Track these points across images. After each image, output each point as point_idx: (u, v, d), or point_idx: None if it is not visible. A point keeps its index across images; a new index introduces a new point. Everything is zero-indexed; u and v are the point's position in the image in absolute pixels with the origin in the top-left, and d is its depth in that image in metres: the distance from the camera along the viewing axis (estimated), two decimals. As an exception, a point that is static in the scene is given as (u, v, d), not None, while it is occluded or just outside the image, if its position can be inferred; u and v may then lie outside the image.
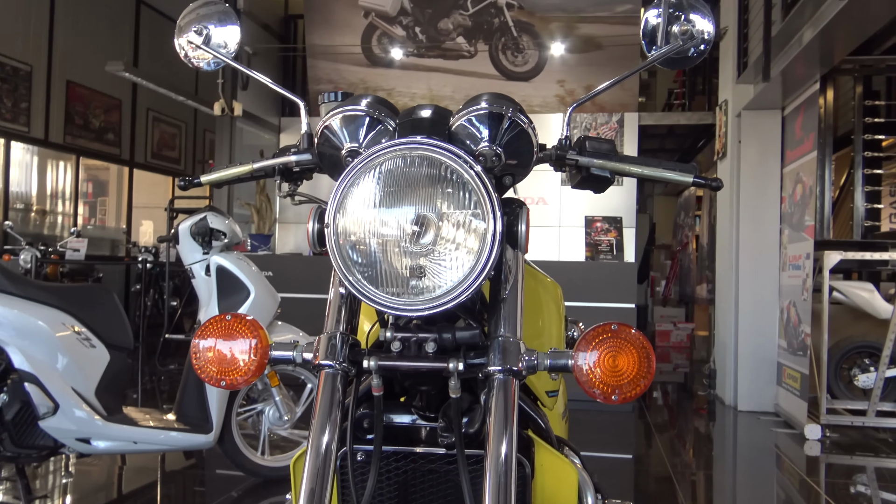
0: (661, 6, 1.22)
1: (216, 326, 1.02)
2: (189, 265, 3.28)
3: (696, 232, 9.51)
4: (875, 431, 4.79)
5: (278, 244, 7.09)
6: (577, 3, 6.88)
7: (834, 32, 4.10)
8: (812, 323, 4.70)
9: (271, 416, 3.36)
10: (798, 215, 5.01)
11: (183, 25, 1.29)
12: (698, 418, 5.69)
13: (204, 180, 1.27)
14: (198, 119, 10.86)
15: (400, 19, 7.13)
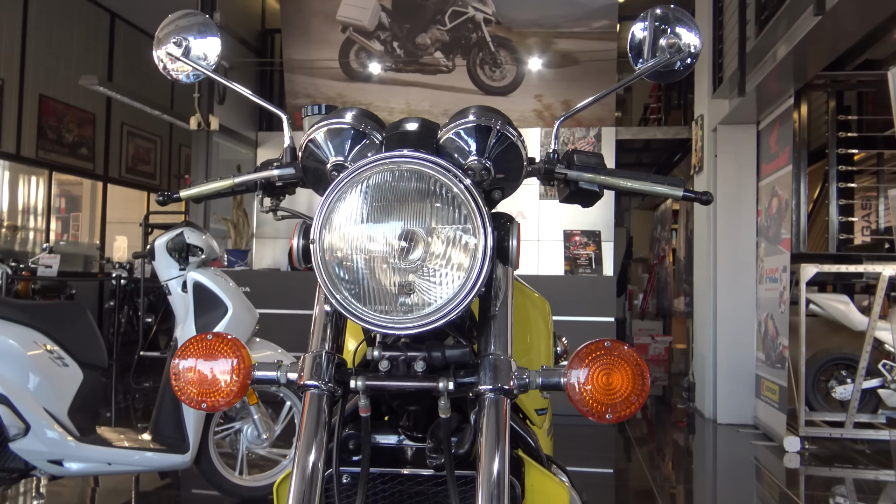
0: (648, 20, 1.22)
1: (197, 346, 0.99)
2: (165, 281, 3.22)
3: (672, 245, 9.57)
4: (853, 443, 4.83)
5: (255, 259, 7.02)
6: (553, 18, 6.93)
7: (807, 49, 4.16)
8: (790, 335, 4.74)
9: (249, 434, 3.29)
10: (774, 228, 5.06)
11: (161, 37, 1.26)
12: (678, 431, 5.70)
13: (183, 195, 1.23)
14: (173, 133, 10.76)
15: (378, 34, 7.13)
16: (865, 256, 4.88)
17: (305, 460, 0.93)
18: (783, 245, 4.86)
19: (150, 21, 9.45)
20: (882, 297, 4.59)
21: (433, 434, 1.07)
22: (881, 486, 4.09)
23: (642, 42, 1.22)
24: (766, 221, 5.29)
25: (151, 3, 8.66)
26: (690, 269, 7.13)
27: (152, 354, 6.64)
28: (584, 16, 6.85)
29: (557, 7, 6.87)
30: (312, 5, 7.11)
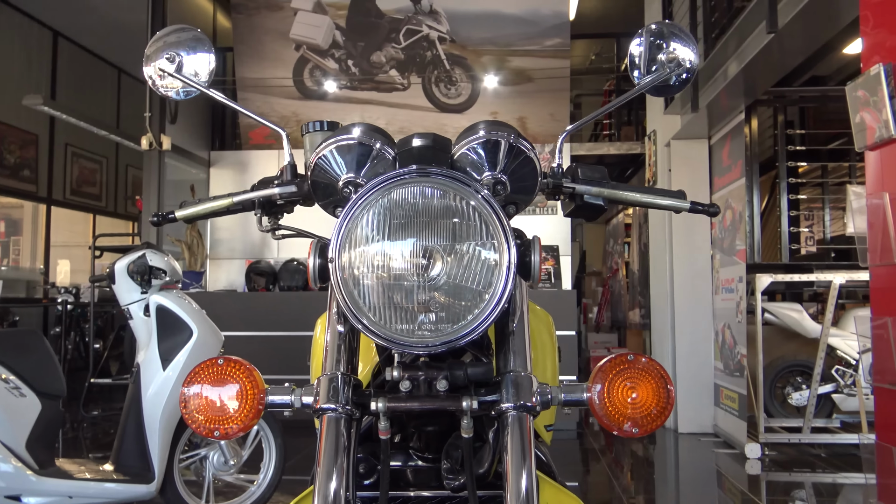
0: (644, 35, 1.23)
1: (207, 372, 0.95)
2: (126, 305, 3.12)
3: (625, 258, 9.71)
4: (810, 447, 4.95)
5: (210, 281, 6.87)
6: (507, 37, 7.01)
7: (757, 66, 4.29)
8: (747, 344, 4.84)
9: (216, 461, 3.21)
10: (729, 240, 5.18)
11: (151, 53, 1.22)
12: (639, 442, 5.76)
13: (179, 215, 1.19)
14: (120, 154, 10.49)
15: (332, 52, 7.10)
16: (816, 265, 5.03)
17: (327, 487, 0.90)
18: (738, 256, 4.98)
19: (93, 39, 9.23)
20: (833, 304, 4.73)
21: (448, 454, 1.04)
22: (839, 489, 4.20)
23: (640, 58, 1.23)
24: (720, 233, 5.42)
25: (96, 21, 8.47)
26: (645, 281, 7.24)
27: (103, 381, 6.42)
28: (537, 34, 6.94)
29: (511, 26, 6.95)
30: (265, 23, 7.05)
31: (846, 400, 4.97)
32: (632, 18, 7.91)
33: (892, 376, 2.33)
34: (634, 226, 8.86)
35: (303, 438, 5.15)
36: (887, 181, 2.38)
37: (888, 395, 2.37)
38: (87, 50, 9.51)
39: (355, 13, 7.06)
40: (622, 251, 9.83)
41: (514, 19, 6.93)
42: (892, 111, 2.33)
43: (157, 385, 3.00)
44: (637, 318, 8.49)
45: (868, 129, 2.45)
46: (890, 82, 2.33)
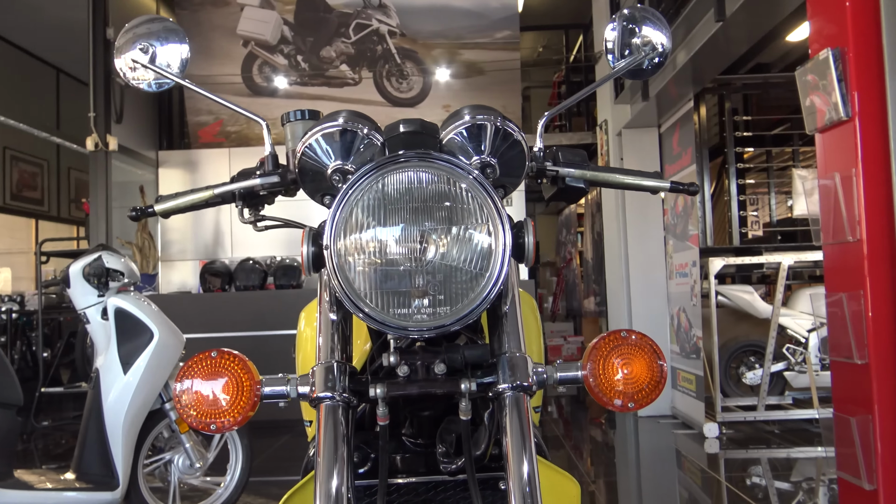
0: (617, 20, 1.25)
1: (199, 365, 0.93)
2: (82, 310, 3.04)
3: (579, 248, 9.84)
4: (765, 424, 5.10)
5: (163, 283, 6.72)
6: (457, 30, 7.02)
7: (705, 55, 4.38)
8: (702, 327, 4.96)
9: (181, 464, 3.15)
10: (681, 226, 5.30)
11: (122, 45, 1.19)
12: (599, 427, 5.85)
13: (158, 209, 1.16)
14: (61, 156, 10.17)
15: (281, 48, 7.01)
16: (765, 248, 5.18)
17: (330, 477, 0.89)
18: (691, 241, 5.09)
19: (28, 38, 8.91)
20: (783, 285, 4.88)
21: (442, 438, 1.05)
22: (793, 463, 4.34)
23: (614, 42, 1.25)
24: (672, 219, 5.53)
25: (32, 20, 8.18)
26: (599, 269, 7.35)
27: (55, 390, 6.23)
28: (487, 27, 6.97)
29: (461, 19, 6.96)
30: (211, 19, 6.92)
31: (797, 377, 5.14)
32: (578, 10, 8.01)
33: (847, 350, 2.42)
34: (587, 215, 8.99)
35: (268, 439, 5.09)
36: (838, 162, 2.46)
37: (844, 368, 2.46)
38: (24, 50, 9.18)
39: (303, 8, 6.98)
40: (575, 241, 9.96)
41: (464, 12, 6.95)
42: (840, 94, 2.41)
43: (118, 390, 2.93)
44: (592, 306, 8.62)
45: (818, 112, 2.53)
46: (838, 66, 2.41)
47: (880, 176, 2.31)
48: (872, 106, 2.34)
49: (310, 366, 1.03)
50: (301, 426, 1.44)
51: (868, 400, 2.30)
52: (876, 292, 2.29)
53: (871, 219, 2.32)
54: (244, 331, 5.37)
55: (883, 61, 2.31)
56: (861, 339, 2.32)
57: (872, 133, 2.34)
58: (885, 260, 2.29)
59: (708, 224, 5.75)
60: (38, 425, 5.96)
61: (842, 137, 2.45)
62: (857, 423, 2.34)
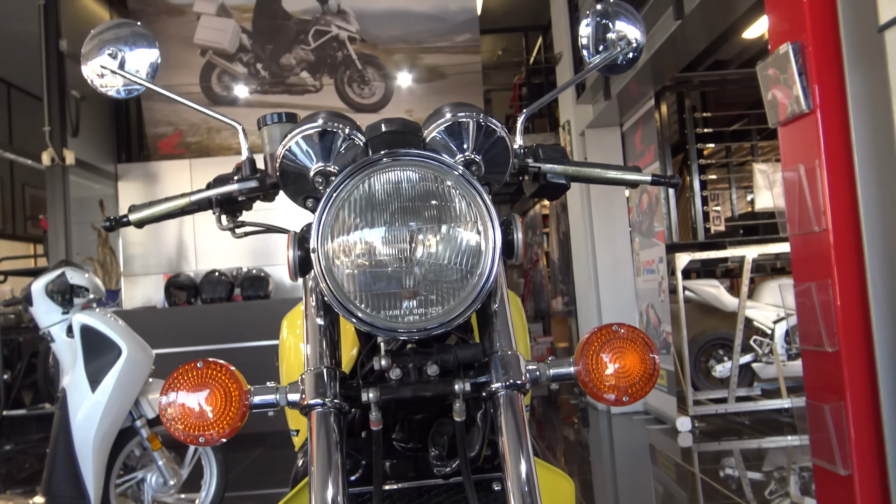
0: (590, 17, 1.25)
1: (185, 377, 0.90)
2: (46, 328, 2.96)
3: (545, 249, 9.89)
4: (736, 416, 5.17)
5: (126, 299, 6.59)
6: (417, 34, 7.02)
7: (665, 54, 4.44)
8: (671, 322, 5.02)
9: (154, 482, 3.09)
10: (647, 223, 5.35)
11: (88, 51, 1.15)
12: (572, 427, 5.88)
13: (133, 219, 1.13)
14: (14, 173, 9.91)
15: (240, 56, 6.93)
16: (729, 242, 5.26)
17: (325, 486, 0.86)
18: (657, 237, 5.15)
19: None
20: (748, 278, 4.96)
21: (434, 441, 1.03)
22: (764, 453, 4.41)
23: (588, 38, 1.25)
24: (638, 217, 5.59)
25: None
26: (566, 269, 7.40)
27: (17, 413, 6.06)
28: (446, 31, 6.98)
29: (420, 23, 6.96)
30: (167, 29, 6.81)
31: (765, 368, 5.23)
32: (537, 13, 8.07)
33: (817, 339, 2.46)
34: (552, 216, 9.04)
35: (242, 453, 5.01)
36: (801, 153, 2.51)
37: (815, 356, 2.50)
38: (-28, 64, 8.93)
39: (261, 16, 6.92)
40: (541, 242, 10.01)
41: (423, 16, 6.95)
42: (801, 87, 2.45)
43: (87, 409, 2.86)
44: (560, 307, 8.67)
45: (780, 106, 2.58)
46: (798, 60, 2.45)
47: (843, 166, 2.36)
48: (833, 97, 2.39)
49: (295, 374, 1.01)
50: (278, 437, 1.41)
51: (840, 387, 2.34)
52: (843, 280, 2.34)
53: (836, 208, 2.36)
54: (213, 344, 5.29)
55: (841, 53, 2.36)
56: (831, 327, 2.36)
57: (834, 124, 2.38)
58: (852, 248, 2.33)
59: (673, 220, 5.82)
60: (0, 449, 5.79)
61: (804, 130, 2.49)
62: (830, 410, 2.38)
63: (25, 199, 10.26)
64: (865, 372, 2.30)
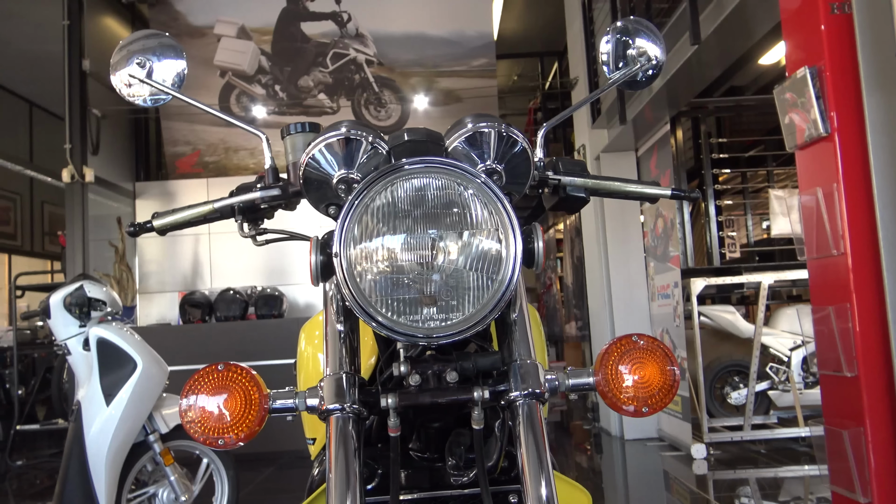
0: (610, 33, 1.26)
1: (206, 379, 0.91)
2: (63, 340, 2.98)
3: (559, 273, 9.87)
4: (752, 444, 5.10)
5: (141, 316, 6.62)
6: (434, 58, 7.09)
7: (680, 79, 4.47)
8: (686, 348, 4.98)
9: (166, 498, 3.09)
10: (662, 247, 5.34)
11: (117, 62, 1.18)
12: (585, 453, 5.82)
13: (157, 225, 1.15)
14: (34, 190, 10.04)
15: (258, 78, 7.02)
16: (745, 268, 5.23)
17: (343, 491, 0.86)
18: (672, 262, 5.13)
19: (2, 72, 8.83)
20: (764, 304, 4.92)
21: (451, 451, 1.03)
22: (781, 483, 4.34)
23: (608, 55, 1.26)
24: (653, 241, 5.58)
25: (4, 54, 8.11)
26: (580, 294, 7.37)
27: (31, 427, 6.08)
28: (463, 55, 7.04)
29: (437, 47, 7.03)
30: (189, 50, 6.84)
31: (781, 396, 5.16)
32: (553, 38, 8.13)
33: (836, 364, 2.44)
34: (566, 240, 9.03)
35: (252, 472, 5.00)
36: (819, 177, 2.50)
37: (834, 381, 2.48)
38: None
39: (280, 38, 7.01)
40: (555, 266, 9.99)
41: (440, 41, 7.02)
42: (819, 111, 2.45)
43: (101, 422, 2.87)
44: (574, 331, 8.63)
45: (797, 130, 2.58)
46: (816, 84, 2.46)
47: (861, 189, 2.35)
48: (851, 121, 2.38)
49: (313, 383, 1.01)
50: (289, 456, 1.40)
51: (859, 412, 2.31)
52: (862, 304, 2.32)
53: (854, 232, 2.35)
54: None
55: (859, 77, 2.36)
56: (850, 351, 2.34)
57: (852, 148, 2.38)
58: (870, 272, 2.32)
59: (688, 245, 5.80)
60: (13, 464, 5.80)
61: (822, 153, 2.49)
62: (849, 436, 2.35)
63: (44, 217, 10.38)
64: (885, 397, 2.27)
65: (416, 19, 7.03)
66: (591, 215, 6.08)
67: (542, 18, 8.26)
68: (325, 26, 7.02)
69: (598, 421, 6.33)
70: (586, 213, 6.28)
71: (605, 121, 5.74)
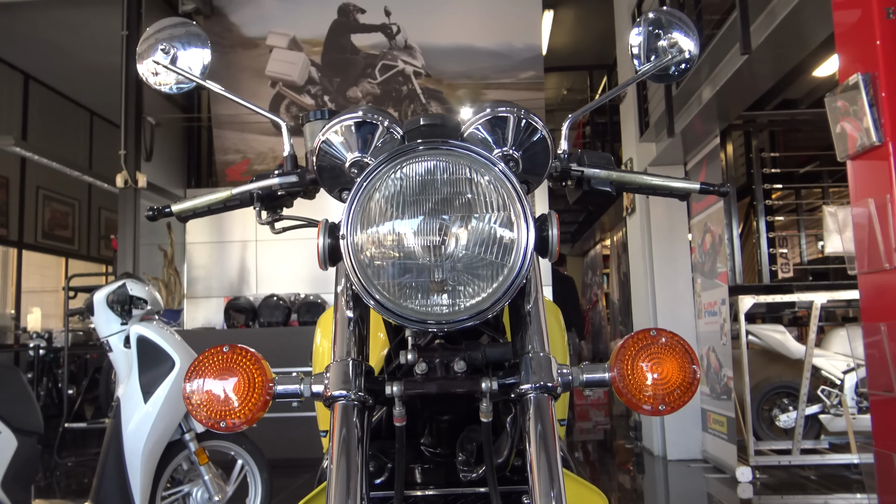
0: (642, 24, 1.23)
1: (211, 361, 0.90)
2: (105, 337, 3.03)
3: (605, 290, 9.74)
4: (800, 469, 4.91)
5: (188, 320, 6.74)
6: (482, 70, 7.09)
7: (730, 90, 4.36)
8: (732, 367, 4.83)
9: (200, 497, 3.11)
10: (710, 263, 5.21)
11: (143, 50, 1.19)
12: (628, 473, 5.69)
13: (175, 209, 1.15)
14: (92, 197, 10.37)
15: (308, 88, 7.12)
16: (796, 286, 5.07)
17: (344, 483, 0.83)
18: (720, 279, 4.99)
19: (65, 83, 9.17)
20: (816, 324, 4.75)
21: (462, 447, 1.00)
22: (831, 511, 4.17)
23: (639, 47, 1.22)
24: (700, 257, 5.45)
25: (67, 64, 8.42)
26: (626, 310, 7.24)
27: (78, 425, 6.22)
28: (511, 67, 7.03)
29: (485, 60, 7.04)
30: (240, 61, 7.06)
31: (833, 420, 4.97)
32: (602, 52, 8.07)
33: (887, 384, 2.32)
34: (613, 256, 8.91)
35: (289, 477, 5.01)
36: (871, 188, 2.40)
37: (884, 403, 2.36)
38: (59, 93, 9.44)
39: (330, 50, 7.11)
40: (601, 282, 9.87)
41: (488, 53, 7.02)
42: (872, 119, 2.36)
43: (139, 419, 2.91)
44: (619, 348, 8.47)
45: (849, 138, 2.48)
46: (869, 91, 2.36)
47: (916, 201, 2.24)
48: (906, 130, 2.29)
49: None
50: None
51: (911, 434, 2.20)
52: (916, 321, 2.21)
53: (908, 245, 2.24)
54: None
55: (916, 85, 2.27)
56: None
57: (907, 157, 2.28)
58: (925, 287, 2.21)
59: (737, 262, 5.64)
60: (62, 461, 5.95)
61: (874, 163, 2.39)
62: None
63: (101, 222, 10.70)
64: (939, 419, 2.15)
65: (464, 31, 7.06)
66: (638, 230, 5.97)
67: (592, 32, 8.21)
68: (374, 38, 7.09)
69: (640, 440, 6.19)
70: (633, 228, 6.18)
71: (654, 134, 5.65)
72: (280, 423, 5.27)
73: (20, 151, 6.64)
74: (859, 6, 2.45)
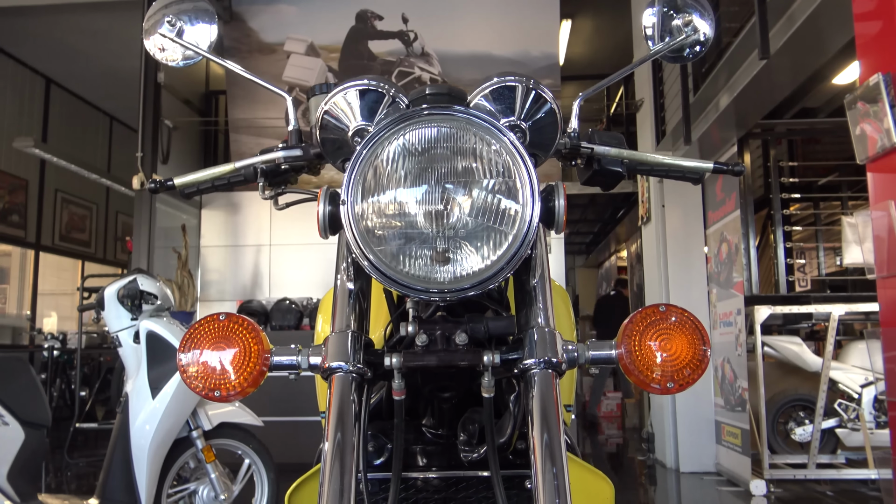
0: (656, 4, 1.20)
1: (207, 329, 0.88)
2: (115, 332, 3.03)
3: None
4: (816, 484, 4.82)
5: (200, 323, 6.75)
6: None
7: (748, 97, 4.32)
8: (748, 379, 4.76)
9: (206, 496, 3.09)
10: (725, 273, 5.15)
11: (150, 26, 1.18)
12: (643, 483, 5.61)
13: (178, 183, 1.14)
14: (110, 200, 10.45)
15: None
16: (814, 297, 4.99)
17: (339, 458, 0.81)
18: (735, 288, 4.93)
19: (86, 87, 9.26)
20: (833, 336, 4.67)
21: (464, 427, 0.97)
22: (848, 527, 4.08)
23: (652, 28, 1.20)
24: (716, 267, 5.38)
25: (88, 69, 8.51)
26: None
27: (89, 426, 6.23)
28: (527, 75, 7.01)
29: (502, 67, 7.02)
30: (258, 66, 7.09)
31: (850, 435, 4.87)
32: (619, 61, 8.03)
33: (906, 390, 2.27)
34: (628, 266, 8.84)
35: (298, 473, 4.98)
36: (891, 190, 2.35)
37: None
38: (80, 97, 9.54)
39: (348, 56, 7.13)
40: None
41: (505, 61, 7.01)
42: (893, 120, 2.31)
43: (146, 415, 2.89)
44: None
45: (869, 140, 2.44)
46: (889, 91, 2.32)
47: (938, 203, 2.20)
48: (928, 131, 2.24)
49: None
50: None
51: (931, 442, 2.14)
52: (936, 325, 2.15)
53: (929, 248, 2.20)
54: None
55: (938, 85, 2.22)
56: (921, 375, 2.17)
57: (928, 159, 2.23)
58: (946, 291, 2.16)
59: (753, 274, 5.57)
60: (73, 461, 5.95)
61: (895, 165, 2.34)
62: (918, 468, 2.18)
63: (118, 226, 10.77)
64: (960, 426, 2.09)
65: (481, 39, 7.06)
66: (653, 239, 5.92)
67: (609, 42, 8.19)
68: (391, 45, 7.11)
69: (653, 452, 6.10)
70: (648, 237, 6.12)
71: (670, 142, 5.60)
72: (289, 426, 5.25)
73: (40, 153, 6.70)
74: (880, 5, 2.41)
